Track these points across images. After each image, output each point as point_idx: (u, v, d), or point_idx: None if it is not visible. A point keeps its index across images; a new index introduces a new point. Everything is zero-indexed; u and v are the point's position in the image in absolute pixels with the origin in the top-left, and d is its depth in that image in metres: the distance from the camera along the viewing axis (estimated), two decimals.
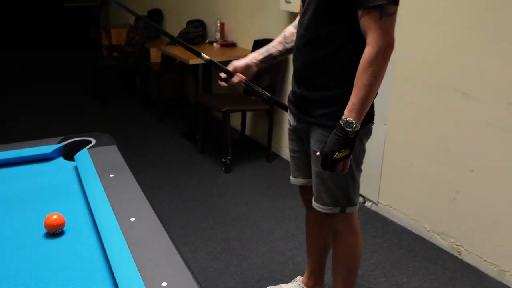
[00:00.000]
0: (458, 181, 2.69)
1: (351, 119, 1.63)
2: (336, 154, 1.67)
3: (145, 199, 1.48)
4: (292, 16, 3.68)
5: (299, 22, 1.84)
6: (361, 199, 3.32)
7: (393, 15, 1.60)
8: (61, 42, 8.74)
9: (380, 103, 1.91)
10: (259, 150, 4.19)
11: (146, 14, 6.27)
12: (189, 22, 5.11)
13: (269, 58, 2.00)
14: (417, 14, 2.73)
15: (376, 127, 1.92)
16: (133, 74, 5.67)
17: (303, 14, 1.78)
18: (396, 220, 3.11)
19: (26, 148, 1.87)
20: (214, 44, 4.57)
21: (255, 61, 1.98)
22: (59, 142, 1.91)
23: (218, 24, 4.61)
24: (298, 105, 1.88)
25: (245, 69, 1.98)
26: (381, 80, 1.65)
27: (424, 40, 2.74)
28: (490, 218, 2.55)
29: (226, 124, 3.71)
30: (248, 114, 4.45)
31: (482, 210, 2.58)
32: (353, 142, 1.67)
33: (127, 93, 5.87)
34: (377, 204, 3.24)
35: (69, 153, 1.87)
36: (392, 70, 2.89)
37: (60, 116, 5.10)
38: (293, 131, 1.99)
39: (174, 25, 5.65)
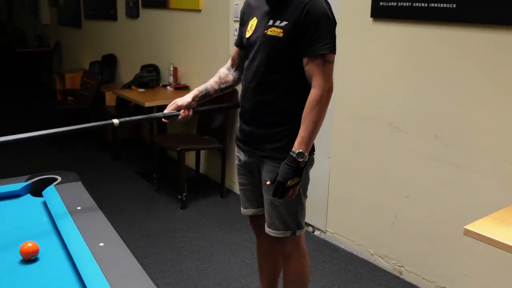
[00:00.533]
0: (396, 207, 2.96)
1: (302, 151, 1.89)
2: (289, 182, 1.90)
3: (112, 227, 1.64)
4: None
5: (246, 67, 2.07)
6: (310, 229, 3.55)
7: (332, 62, 1.91)
8: (14, 87, 8.73)
9: (323, 138, 2.17)
10: (213, 186, 4.37)
11: (100, 59, 6.45)
12: (143, 67, 5.32)
13: (206, 95, 2.24)
14: (354, 57, 3.04)
15: (321, 161, 2.18)
16: (88, 117, 5.77)
17: (251, 61, 2.02)
18: (343, 246, 3.34)
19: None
20: (168, 87, 4.78)
21: (196, 98, 2.20)
22: (26, 180, 2.05)
23: (171, 68, 4.84)
24: (248, 141, 2.10)
25: (187, 106, 2.19)
26: (323, 117, 1.93)
27: (361, 80, 3.04)
28: (425, 239, 2.82)
29: (181, 162, 3.89)
30: (202, 153, 4.64)
31: (418, 232, 2.85)
32: (302, 171, 1.93)
33: (83, 135, 5.95)
34: (325, 233, 3.47)
35: (36, 190, 2.01)
36: (333, 108, 3.18)
37: (16, 159, 5.13)
38: (242, 166, 2.20)
39: (129, 70, 5.85)
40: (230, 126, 4.11)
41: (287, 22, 1.92)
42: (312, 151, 2.06)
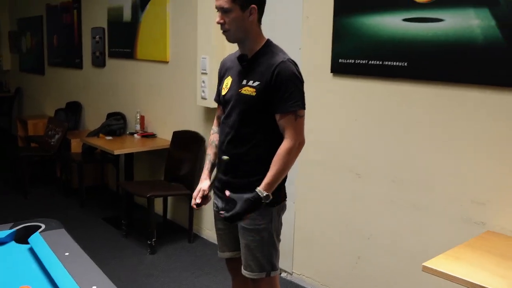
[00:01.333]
0: (358, 248, 3.15)
1: (268, 194, 2.10)
2: (248, 214, 2.12)
3: (101, 272, 1.75)
4: (207, 111, 4.15)
5: (223, 122, 2.28)
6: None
7: (303, 116, 2.16)
8: None
9: (288, 183, 2.36)
10: (181, 231, 4.46)
11: (64, 106, 6.51)
12: (109, 115, 5.44)
13: (213, 168, 2.40)
14: (317, 108, 3.28)
15: (287, 205, 2.37)
16: (53, 164, 5.80)
17: (227, 116, 2.23)
18: (309, 287, 3.49)
19: None
20: (135, 135, 4.90)
21: (210, 175, 2.37)
22: (10, 228, 2.12)
23: (138, 117, 4.98)
24: (224, 190, 2.24)
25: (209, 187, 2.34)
26: (290, 167, 2.17)
27: (323, 129, 3.28)
28: (387, 278, 3.01)
29: (151, 208, 3.98)
30: (170, 199, 4.74)
31: (380, 271, 3.04)
32: (259, 208, 2.13)
33: (47, 182, 5.94)
34: (291, 274, 3.61)
35: (21, 237, 2.09)
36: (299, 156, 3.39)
37: None
38: (216, 207, 2.36)
39: (94, 117, 5.94)
40: (198, 173, 4.24)
41: (259, 82, 2.14)
42: (283, 198, 2.29)
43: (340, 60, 3.08)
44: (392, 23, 2.77)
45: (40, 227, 2.15)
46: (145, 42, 4.86)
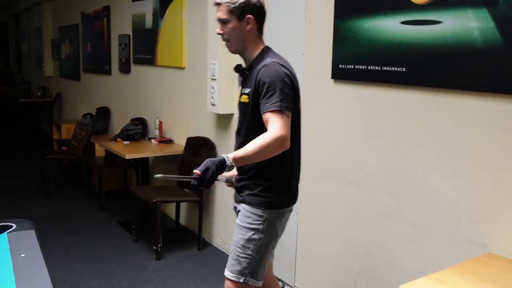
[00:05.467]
0: (357, 264, 2.99)
1: (230, 160, 2.04)
2: (215, 177, 2.04)
3: (47, 275, 1.69)
4: (217, 117, 4.11)
5: (236, 131, 2.35)
6: (280, 283, 3.57)
7: (288, 117, 2.11)
8: (15, 135, 8.95)
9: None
10: (192, 238, 4.42)
11: (95, 111, 6.66)
12: (132, 120, 5.50)
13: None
14: (318, 116, 3.17)
15: (290, 216, 2.34)
16: (78, 167, 5.92)
17: (238, 125, 2.31)
18: None
19: None
20: (152, 140, 4.93)
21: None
22: None
23: (157, 122, 5.00)
24: (236, 189, 2.34)
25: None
26: (266, 156, 2.08)
27: (324, 138, 3.15)
28: None
29: (156, 214, 3.96)
30: (183, 205, 4.72)
31: None
32: (223, 170, 2.06)
33: (73, 184, 6.07)
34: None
35: None
36: (302, 165, 3.28)
37: (3, 205, 5.25)
38: (233, 208, 2.42)
39: (121, 122, 6.02)
40: None
41: (250, 89, 2.18)
42: (279, 205, 2.24)
43: (340, 66, 2.96)
44: (390, 26, 2.63)
45: (11, 227, 2.15)
46: (164, 48, 4.88)
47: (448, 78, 2.40)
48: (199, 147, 4.32)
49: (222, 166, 2.03)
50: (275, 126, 2.05)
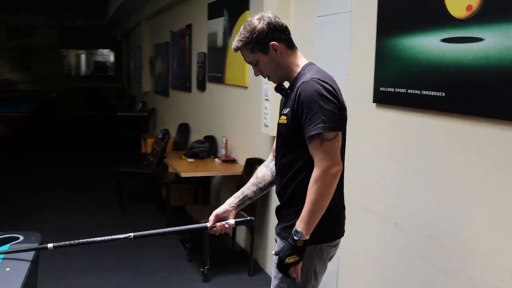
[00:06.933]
0: None
1: (300, 229, 1.85)
2: (287, 259, 1.86)
3: None
4: (271, 139, 3.95)
5: (276, 154, 2.12)
6: None
7: (332, 139, 1.86)
8: (113, 148, 9.49)
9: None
10: (245, 261, 4.28)
11: (177, 127, 6.82)
12: (205, 137, 5.53)
13: (244, 200, 2.19)
14: (359, 143, 2.91)
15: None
16: (153, 181, 6.09)
17: (277, 148, 2.09)
18: None
19: None
20: (216, 159, 4.90)
21: (232, 205, 2.17)
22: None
23: (224, 141, 4.97)
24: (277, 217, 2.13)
25: (225, 214, 2.16)
26: (327, 198, 1.86)
27: (362, 170, 2.87)
28: None
29: (205, 235, 3.90)
30: (240, 227, 4.61)
31: None
32: (302, 250, 1.87)
33: (147, 198, 6.25)
34: None
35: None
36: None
37: (80, 212, 5.57)
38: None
39: (197, 139, 6.10)
40: (259, 201, 4.06)
41: (289, 109, 1.98)
42: (319, 240, 1.96)
43: (381, 88, 2.68)
44: (430, 44, 2.32)
45: (17, 239, 2.19)
46: (231, 66, 4.86)
47: (489, 105, 2.04)
48: (254, 169, 4.19)
49: (294, 247, 1.87)
50: (316, 162, 1.87)
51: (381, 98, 2.69)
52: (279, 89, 2.08)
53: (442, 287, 2.32)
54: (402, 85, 2.51)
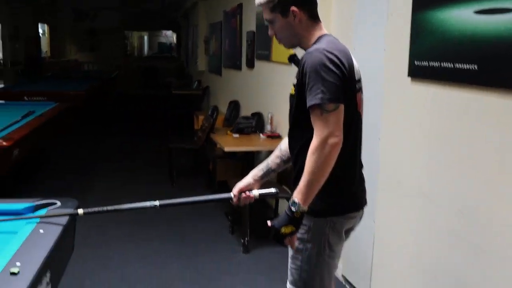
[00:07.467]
0: (424, 285, 2.67)
1: (296, 200, 1.83)
2: (282, 229, 1.85)
3: (44, 257, 1.79)
4: None
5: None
6: None
7: (334, 110, 1.82)
8: (168, 125, 9.78)
9: (368, 201, 2.13)
10: None
11: (228, 104, 6.95)
12: (252, 114, 5.62)
13: (269, 172, 2.22)
14: (394, 117, 2.89)
15: (366, 224, 2.19)
16: (201, 156, 6.26)
17: (289, 120, 2.11)
18: None
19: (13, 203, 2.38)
20: (261, 135, 4.98)
21: (256, 178, 2.19)
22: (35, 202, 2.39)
23: (269, 117, 5.04)
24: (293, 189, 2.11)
25: (249, 187, 2.18)
26: (326, 169, 1.82)
27: (397, 145, 2.87)
28: None
29: (245, 207, 4.00)
30: (282, 200, 4.68)
31: None
32: (298, 221, 1.85)
33: (197, 173, 6.44)
34: None
35: (37, 211, 2.33)
36: (378, 173, 3.04)
37: (129, 184, 5.83)
38: None
39: (245, 115, 6.20)
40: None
41: (296, 79, 1.97)
42: (330, 212, 1.98)
43: (416, 62, 2.65)
44: (463, 16, 2.27)
45: (55, 203, 2.36)
46: (277, 44, 4.84)
47: None
48: None
49: (291, 218, 1.84)
50: (315, 132, 1.84)
51: (415, 72, 2.67)
52: (292, 59, 2.05)
53: (474, 261, 2.31)
54: (436, 58, 2.47)
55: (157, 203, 2.15)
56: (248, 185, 2.18)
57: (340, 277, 3.54)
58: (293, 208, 1.82)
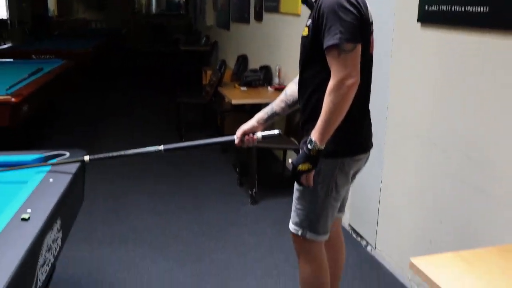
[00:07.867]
0: (431, 231, 2.69)
1: (314, 139, 1.84)
2: (300, 166, 1.88)
3: (53, 203, 1.81)
4: None
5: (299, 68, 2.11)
6: (364, 242, 3.39)
7: (351, 51, 1.80)
8: (176, 81, 9.73)
9: (376, 150, 2.12)
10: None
11: (236, 58, 6.88)
12: (260, 67, 5.56)
13: (273, 115, 2.23)
14: (402, 64, 2.85)
15: (373, 172, 2.13)
16: (210, 111, 6.25)
17: (299, 62, 2.08)
18: (387, 266, 3.13)
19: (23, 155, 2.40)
20: (269, 87, 4.94)
21: (261, 121, 2.20)
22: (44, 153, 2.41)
23: (277, 70, 4.99)
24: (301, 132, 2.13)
25: (253, 129, 2.19)
26: (342, 109, 1.82)
27: (406, 93, 2.83)
28: None
29: (252, 157, 4.02)
30: (290, 152, 4.70)
31: None
32: (315, 160, 1.87)
33: (204, 127, 6.45)
34: (375, 249, 3.28)
35: (46, 161, 2.35)
36: (386, 120, 3.02)
37: (138, 138, 5.89)
38: None
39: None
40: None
41: (311, 20, 1.93)
42: (340, 153, 1.99)
43: (426, 7, 2.58)
44: None
45: (64, 155, 2.37)
46: None
47: None
48: None
49: (308, 156, 1.86)
50: (332, 72, 1.82)
51: (425, 17, 2.61)
52: (305, 0, 2.02)
53: (480, 207, 2.32)
54: (447, 2, 2.41)
55: (161, 147, 2.18)
56: (252, 127, 2.19)
57: (347, 226, 3.58)
58: (309, 146, 1.85)
